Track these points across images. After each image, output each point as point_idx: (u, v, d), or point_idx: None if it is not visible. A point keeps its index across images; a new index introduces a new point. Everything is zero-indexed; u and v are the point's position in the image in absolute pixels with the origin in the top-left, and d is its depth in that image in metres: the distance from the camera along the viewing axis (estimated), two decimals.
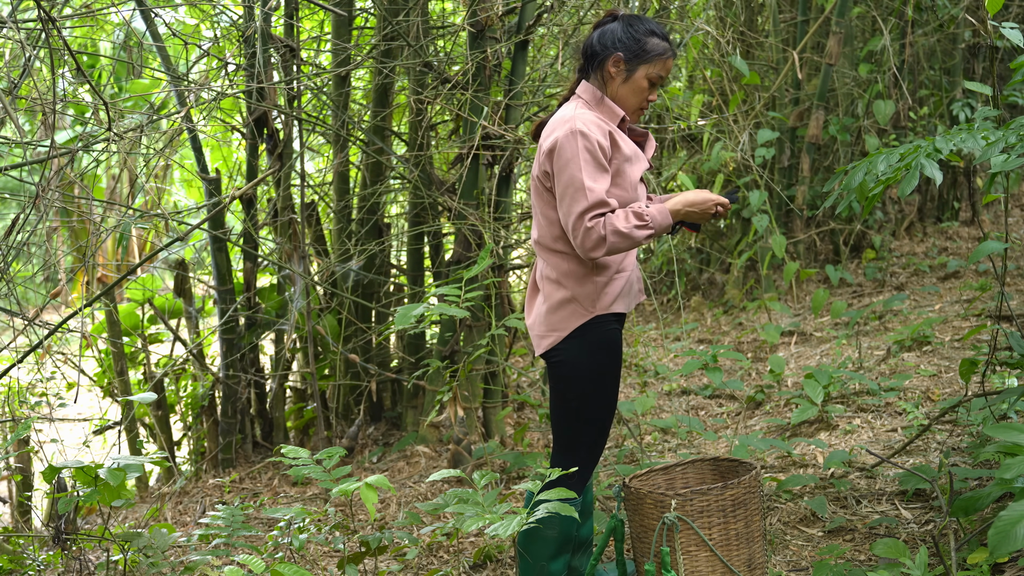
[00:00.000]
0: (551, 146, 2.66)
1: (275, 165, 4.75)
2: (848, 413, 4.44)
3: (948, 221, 7.51)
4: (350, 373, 5.12)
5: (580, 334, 2.73)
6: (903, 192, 2.63)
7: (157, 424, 5.15)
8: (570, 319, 2.74)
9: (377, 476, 2.73)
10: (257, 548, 3.31)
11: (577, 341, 2.74)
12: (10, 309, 3.65)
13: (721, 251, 7.57)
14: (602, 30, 2.76)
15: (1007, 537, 2.16)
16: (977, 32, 7.11)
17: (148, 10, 4.58)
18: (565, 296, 2.74)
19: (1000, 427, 2.47)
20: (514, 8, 4.35)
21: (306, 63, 5.12)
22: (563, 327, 2.75)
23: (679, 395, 5.24)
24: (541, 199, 2.74)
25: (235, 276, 5.18)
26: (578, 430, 2.79)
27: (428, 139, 4.78)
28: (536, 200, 2.76)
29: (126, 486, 2.97)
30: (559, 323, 2.75)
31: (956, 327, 5.41)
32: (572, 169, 2.62)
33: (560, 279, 2.74)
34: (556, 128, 2.68)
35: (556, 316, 2.75)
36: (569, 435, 2.80)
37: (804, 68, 6.90)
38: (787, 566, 3.06)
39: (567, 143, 2.63)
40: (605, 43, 2.74)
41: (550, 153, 2.67)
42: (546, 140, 2.69)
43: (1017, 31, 2.81)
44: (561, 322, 2.75)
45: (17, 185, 5.35)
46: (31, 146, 4.27)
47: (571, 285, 2.73)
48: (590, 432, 2.79)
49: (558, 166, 2.65)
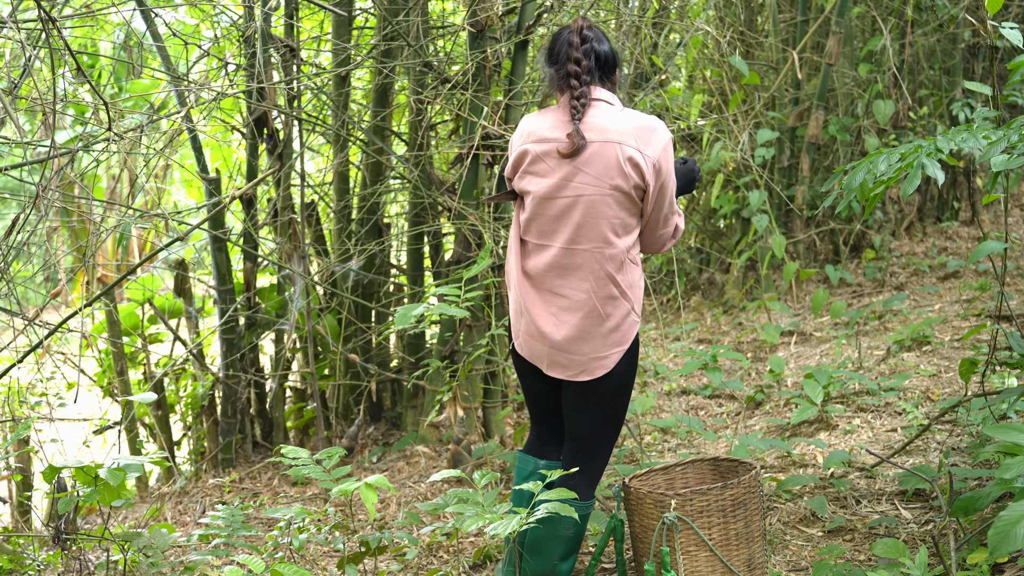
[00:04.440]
0: (658, 156, 2.62)
1: (275, 165, 4.75)
2: (848, 413, 4.44)
3: (948, 221, 7.51)
4: (350, 373, 5.12)
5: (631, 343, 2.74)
6: (905, 192, 2.63)
7: (157, 424, 5.15)
8: (630, 330, 2.71)
9: (377, 476, 2.73)
10: (257, 548, 3.31)
11: (628, 351, 2.73)
12: (10, 309, 3.65)
13: (721, 251, 7.57)
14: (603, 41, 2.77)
15: (1007, 537, 2.16)
16: (977, 32, 7.12)
17: (148, 10, 4.58)
18: (627, 308, 2.69)
19: (1000, 427, 2.47)
20: (514, 8, 4.35)
21: (306, 63, 5.11)
22: (625, 341, 2.71)
23: (679, 395, 5.24)
24: (623, 208, 2.64)
25: (235, 276, 5.18)
26: (613, 436, 2.81)
27: (428, 139, 4.78)
28: (610, 211, 2.63)
29: (126, 486, 2.97)
30: (621, 338, 2.69)
31: (956, 327, 5.41)
32: (672, 174, 2.68)
33: (626, 290, 2.68)
34: (643, 135, 2.62)
35: (620, 332, 2.69)
36: (603, 441, 2.79)
37: (804, 68, 6.90)
38: (787, 566, 3.06)
39: (668, 151, 2.65)
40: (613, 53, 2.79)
41: (657, 161, 2.62)
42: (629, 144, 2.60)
43: (1017, 31, 2.81)
44: (623, 336, 2.70)
45: (17, 185, 5.35)
46: (31, 146, 4.27)
47: (633, 294, 2.71)
48: (618, 434, 2.83)
49: (666, 172, 2.64)
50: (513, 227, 2.78)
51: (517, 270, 2.74)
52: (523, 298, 2.73)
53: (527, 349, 2.77)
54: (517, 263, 2.74)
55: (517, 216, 2.76)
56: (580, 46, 2.69)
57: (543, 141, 2.67)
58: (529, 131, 2.71)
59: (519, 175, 2.73)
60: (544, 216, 2.67)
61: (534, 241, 2.71)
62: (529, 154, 2.69)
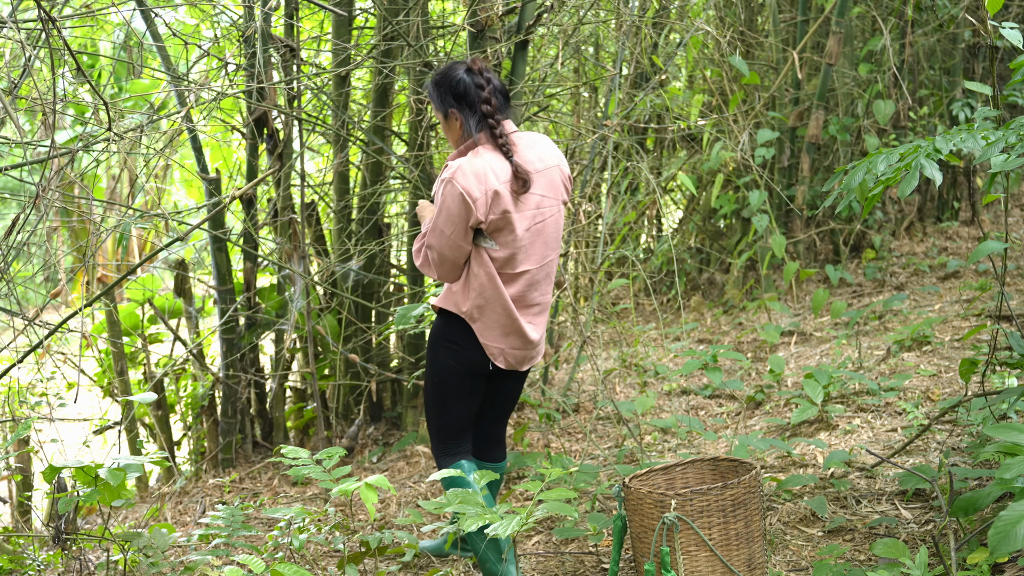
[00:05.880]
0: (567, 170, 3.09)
1: (275, 165, 4.75)
2: (848, 413, 4.44)
3: (948, 221, 7.51)
4: (350, 373, 5.12)
5: None
6: (903, 193, 2.63)
7: (157, 424, 5.15)
8: None
9: (377, 476, 2.73)
10: (257, 548, 3.31)
11: None
12: (10, 309, 3.65)
13: (721, 251, 7.57)
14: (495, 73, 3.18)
15: (1007, 537, 2.16)
16: (977, 32, 7.11)
17: (148, 10, 4.58)
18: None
19: (1000, 427, 2.47)
20: (514, 8, 4.35)
21: (306, 63, 5.11)
22: None
23: (679, 395, 5.24)
24: (563, 218, 3.09)
25: (235, 276, 5.18)
26: None
27: (428, 139, 4.78)
28: (561, 223, 3.07)
29: (126, 486, 2.97)
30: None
31: (956, 327, 5.41)
32: None
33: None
34: (561, 155, 3.09)
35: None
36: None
37: (804, 68, 6.89)
38: (787, 566, 3.06)
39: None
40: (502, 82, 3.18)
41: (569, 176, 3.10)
42: (563, 164, 3.07)
43: (1017, 31, 2.81)
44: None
45: (17, 185, 5.35)
46: (31, 146, 4.27)
47: None
48: None
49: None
50: (487, 266, 2.95)
51: (504, 300, 2.97)
52: (513, 321, 3.00)
53: (511, 360, 3.07)
54: (502, 295, 2.97)
55: (487, 256, 2.94)
56: (487, 86, 2.93)
57: (501, 182, 2.88)
58: (480, 174, 2.87)
59: (495, 216, 2.90)
60: (525, 246, 2.96)
61: (516, 271, 2.98)
62: (501, 194, 2.88)
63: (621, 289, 7.88)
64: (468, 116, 2.93)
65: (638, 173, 6.42)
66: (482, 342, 3.01)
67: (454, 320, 3.03)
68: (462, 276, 3.00)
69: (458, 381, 3.08)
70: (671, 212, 8.58)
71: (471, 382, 3.09)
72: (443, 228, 2.90)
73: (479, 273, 2.95)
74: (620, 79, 5.16)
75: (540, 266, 3.01)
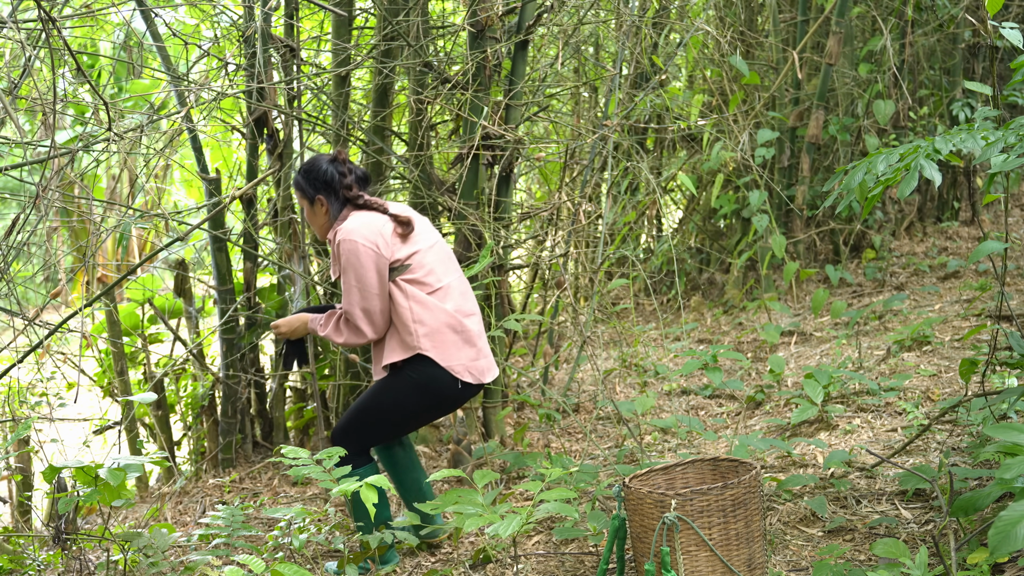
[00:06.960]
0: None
1: (275, 165, 4.75)
2: (848, 413, 4.44)
3: (948, 221, 7.51)
4: (350, 373, 5.12)
5: None
6: (902, 193, 2.63)
7: (157, 424, 5.15)
8: None
9: (377, 476, 2.73)
10: (257, 548, 3.31)
11: None
12: (10, 309, 3.65)
13: (721, 251, 7.57)
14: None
15: (1007, 537, 2.16)
16: (977, 32, 7.12)
17: (148, 10, 4.58)
18: None
19: (1000, 427, 2.47)
20: (514, 8, 4.35)
21: (306, 63, 5.11)
22: None
23: (679, 395, 5.24)
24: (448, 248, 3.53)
25: (235, 276, 5.17)
26: None
27: (428, 139, 4.78)
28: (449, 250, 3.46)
29: (126, 486, 2.97)
30: None
31: (956, 327, 5.41)
32: None
33: None
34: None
35: None
36: None
37: (804, 68, 6.90)
38: (787, 566, 3.06)
39: None
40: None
41: None
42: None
43: (1017, 31, 2.81)
44: None
45: (17, 185, 5.36)
46: (31, 146, 4.27)
47: None
48: None
49: None
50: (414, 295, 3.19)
51: (449, 315, 3.21)
52: (467, 330, 3.23)
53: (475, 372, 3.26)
54: (443, 312, 3.20)
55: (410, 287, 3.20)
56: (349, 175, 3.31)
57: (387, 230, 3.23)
58: (367, 223, 3.23)
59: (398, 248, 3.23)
60: (437, 260, 3.27)
61: (441, 285, 3.23)
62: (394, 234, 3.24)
63: (621, 289, 7.88)
64: (332, 201, 3.30)
65: (638, 173, 6.41)
66: (445, 365, 3.19)
67: (413, 362, 3.20)
68: (389, 325, 3.23)
69: (416, 420, 3.31)
70: (671, 212, 8.58)
71: (431, 416, 3.32)
72: (363, 283, 3.16)
73: (409, 306, 3.18)
74: (620, 79, 5.17)
75: (457, 277, 3.31)
